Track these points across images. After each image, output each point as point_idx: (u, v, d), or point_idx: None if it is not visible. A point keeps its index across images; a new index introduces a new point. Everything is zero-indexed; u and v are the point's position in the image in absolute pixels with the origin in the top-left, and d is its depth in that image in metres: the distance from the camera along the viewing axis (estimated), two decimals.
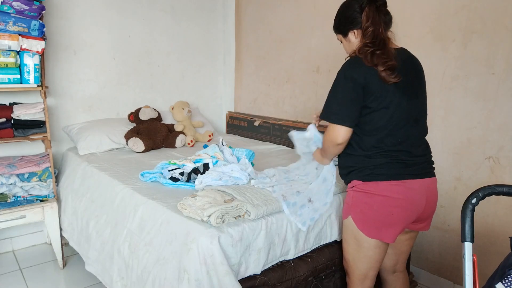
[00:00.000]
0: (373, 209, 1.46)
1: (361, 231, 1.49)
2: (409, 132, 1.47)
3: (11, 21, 2.20)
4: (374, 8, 1.45)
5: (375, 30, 1.43)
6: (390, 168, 1.45)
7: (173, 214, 1.61)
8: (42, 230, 2.85)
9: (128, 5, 3.07)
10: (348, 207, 1.54)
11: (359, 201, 1.49)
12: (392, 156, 1.45)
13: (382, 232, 1.47)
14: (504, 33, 1.92)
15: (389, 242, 1.49)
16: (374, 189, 1.45)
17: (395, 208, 1.44)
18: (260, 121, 3.34)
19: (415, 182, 1.45)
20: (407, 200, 1.45)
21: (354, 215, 1.51)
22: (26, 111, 2.38)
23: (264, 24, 3.33)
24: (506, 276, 1.04)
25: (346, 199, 1.58)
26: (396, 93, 1.42)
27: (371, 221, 1.47)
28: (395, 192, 1.43)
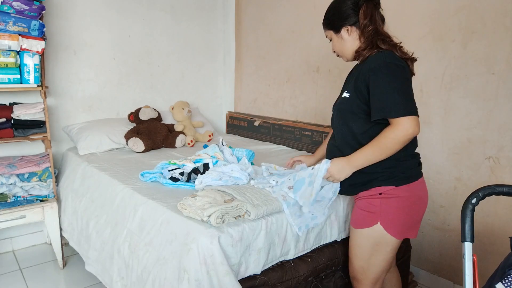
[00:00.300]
0: (405, 212, 1.46)
1: (392, 236, 1.46)
2: None
3: (11, 21, 2.20)
4: (372, 5, 1.42)
5: (376, 28, 1.42)
6: (415, 168, 1.49)
7: (173, 214, 1.61)
8: (42, 230, 2.85)
9: (128, 5, 3.08)
10: (374, 215, 1.47)
11: (391, 207, 1.45)
12: (415, 157, 1.50)
13: (411, 230, 1.51)
14: (504, 33, 1.92)
15: (414, 237, 1.53)
16: (406, 191, 1.44)
17: (419, 205, 1.49)
18: (260, 121, 3.34)
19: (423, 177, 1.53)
20: (426, 194, 1.52)
21: (385, 222, 1.45)
22: (26, 111, 2.38)
23: (264, 24, 3.33)
24: (506, 276, 1.04)
25: (367, 207, 1.49)
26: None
27: (402, 223, 1.47)
28: (421, 190, 1.49)
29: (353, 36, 1.48)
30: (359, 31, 1.45)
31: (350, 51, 1.51)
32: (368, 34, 1.42)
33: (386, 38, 1.41)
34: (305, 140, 2.92)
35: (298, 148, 2.98)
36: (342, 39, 1.51)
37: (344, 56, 1.56)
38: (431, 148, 2.26)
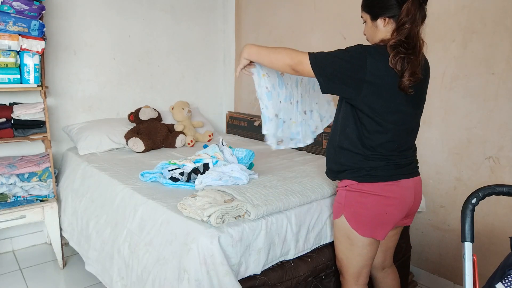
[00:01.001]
0: (367, 208, 1.46)
1: (354, 230, 1.49)
2: (406, 139, 1.48)
3: (11, 21, 2.20)
4: (417, 4, 1.33)
5: (412, 29, 1.33)
6: (386, 170, 1.45)
7: (173, 214, 1.61)
8: (42, 230, 2.85)
9: (128, 5, 3.07)
10: (340, 206, 1.53)
11: (353, 200, 1.49)
12: (388, 159, 1.45)
13: (376, 230, 1.49)
14: (504, 33, 1.92)
15: (381, 239, 1.51)
16: (369, 189, 1.46)
17: (389, 207, 1.46)
18: (260, 121, 3.33)
19: (406, 181, 1.48)
20: (400, 199, 1.47)
21: (348, 214, 1.50)
22: (26, 111, 2.38)
23: (264, 24, 3.33)
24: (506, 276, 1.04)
25: (337, 199, 1.56)
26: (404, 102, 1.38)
27: (365, 220, 1.48)
28: (390, 192, 1.45)
29: (387, 28, 1.40)
30: (396, 25, 1.37)
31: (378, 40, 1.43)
32: (402, 33, 1.33)
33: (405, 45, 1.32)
34: None
35: (298, 148, 2.98)
36: (376, 27, 1.43)
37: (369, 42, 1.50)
38: (431, 148, 2.26)
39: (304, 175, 1.99)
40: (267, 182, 1.86)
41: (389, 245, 1.71)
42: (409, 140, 1.51)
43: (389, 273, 1.77)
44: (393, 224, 1.51)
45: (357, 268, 1.57)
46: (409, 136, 1.50)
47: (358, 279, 1.59)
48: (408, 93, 1.33)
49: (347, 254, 1.57)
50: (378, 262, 1.73)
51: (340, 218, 1.54)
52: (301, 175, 1.99)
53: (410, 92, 1.33)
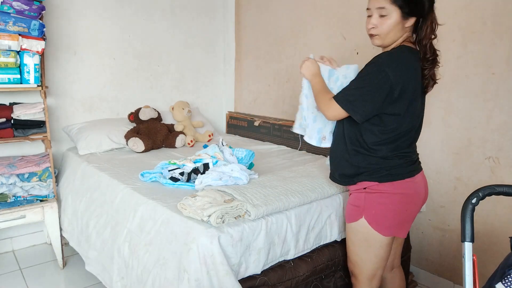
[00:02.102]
0: (390, 209, 1.46)
1: (376, 231, 1.48)
2: (416, 135, 1.53)
3: (11, 21, 2.20)
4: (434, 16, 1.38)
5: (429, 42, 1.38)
6: (404, 168, 1.47)
7: (173, 214, 1.61)
8: (42, 230, 2.85)
9: (128, 5, 3.07)
10: (359, 209, 1.50)
11: (374, 202, 1.47)
12: (404, 156, 1.48)
13: (398, 229, 1.51)
14: (504, 33, 1.92)
15: (404, 236, 1.55)
16: (389, 188, 1.46)
17: (409, 204, 1.48)
18: (260, 121, 3.34)
19: (418, 176, 1.51)
20: (418, 194, 1.50)
21: (369, 216, 1.48)
22: (26, 111, 2.38)
23: (264, 24, 3.33)
24: (506, 276, 1.04)
25: (353, 202, 1.53)
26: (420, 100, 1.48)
27: (388, 220, 1.48)
28: (409, 189, 1.47)
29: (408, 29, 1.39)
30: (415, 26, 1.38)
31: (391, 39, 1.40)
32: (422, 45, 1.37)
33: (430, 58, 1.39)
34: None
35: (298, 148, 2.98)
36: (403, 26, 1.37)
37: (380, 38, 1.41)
38: (431, 148, 2.26)
39: (304, 175, 1.99)
40: (267, 182, 1.86)
41: (399, 241, 1.72)
42: (417, 135, 1.55)
43: (397, 274, 1.78)
44: (413, 220, 1.54)
45: (373, 270, 1.56)
46: (419, 130, 1.54)
47: (372, 281, 1.58)
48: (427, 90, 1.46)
49: (362, 257, 1.55)
50: (389, 262, 1.73)
51: (358, 221, 1.51)
52: (301, 175, 1.99)
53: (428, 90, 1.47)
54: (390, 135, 1.43)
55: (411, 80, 1.36)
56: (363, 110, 1.36)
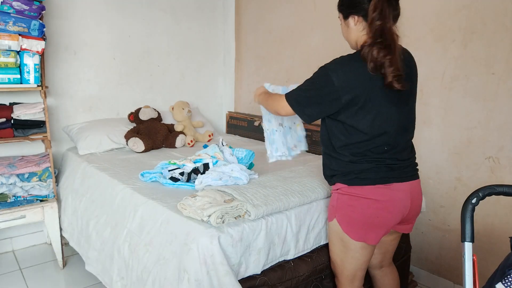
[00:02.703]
0: (358, 212, 1.44)
1: (346, 233, 1.47)
2: (397, 140, 1.43)
3: (11, 21, 2.20)
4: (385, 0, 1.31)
5: (383, 24, 1.30)
6: (376, 172, 1.42)
7: (173, 214, 1.61)
8: (42, 230, 2.85)
9: (128, 5, 3.07)
10: (333, 209, 1.52)
11: (344, 203, 1.48)
12: (378, 161, 1.42)
13: (367, 234, 1.46)
14: (504, 33, 1.92)
15: (373, 244, 1.48)
16: (360, 192, 1.43)
17: (380, 210, 1.42)
18: (260, 121, 3.34)
19: (400, 185, 1.43)
20: (392, 203, 1.43)
21: (339, 217, 1.49)
22: (26, 111, 2.38)
23: (264, 24, 3.33)
24: (506, 276, 1.04)
25: (331, 201, 1.55)
26: (386, 103, 1.36)
27: (356, 223, 1.46)
28: (381, 195, 1.42)
29: (358, 28, 1.40)
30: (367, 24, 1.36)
31: (353, 41, 1.45)
32: (374, 30, 1.31)
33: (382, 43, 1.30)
34: None
35: None
36: (348, 26, 1.45)
37: (349, 44, 1.51)
38: (431, 148, 2.26)
39: (304, 175, 1.99)
40: (267, 182, 1.86)
41: (387, 249, 1.69)
42: (402, 140, 1.44)
43: (388, 272, 1.76)
44: (386, 228, 1.46)
45: (352, 271, 1.55)
46: (401, 136, 1.44)
47: (352, 282, 1.58)
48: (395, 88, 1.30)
49: (341, 257, 1.56)
50: (376, 262, 1.72)
51: (333, 221, 1.53)
52: (301, 175, 1.99)
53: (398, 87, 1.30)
54: (354, 140, 1.41)
55: (364, 87, 1.32)
56: (310, 112, 1.43)
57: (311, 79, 1.43)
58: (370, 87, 1.33)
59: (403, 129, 1.44)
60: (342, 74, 1.34)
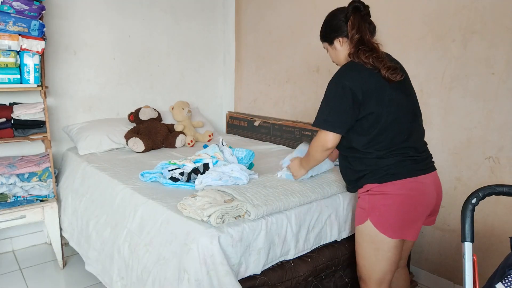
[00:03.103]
0: (394, 210, 1.46)
1: (382, 233, 1.47)
2: (412, 127, 1.52)
3: (11, 21, 2.20)
4: (359, 17, 1.50)
5: (362, 37, 1.49)
6: (403, 166, 1.47)
7: (173, 214, 1.61)
8: (42, 230, 2.85)
9: (128, 5, 3.07)
10: (364, 211, 1.52)
11: (378, 203, 1.48)
12: (402, 154, 1.48)
13: (405, 231, 1.49)
14: (504, 33, 1.92)
15: (413, 239, 1.52)
16: (392, 189, 1.46)
17: (414, 205, 1.47)
18: (260, 121, 3.34)
19: (425, 177, 1.50)
20: (423, 195, 1.49)
21: (374, 218, 1.49)
22: (26, 111, 2.38)
23: (264, 24, 3.33)
24: (506, 276, 1.04)
25: (360, 204, 1.56)
26: (393, 91, 1.47)
27: (393, 222, 1.47)
28: (411, 189, 1.46)
29: (344, 47, 1.57)
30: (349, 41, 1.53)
31: (344, 61, 1.59)
32: (355, 42, 1.49)
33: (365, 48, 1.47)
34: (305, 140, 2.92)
35: None
36: (335, 49, 1.61)
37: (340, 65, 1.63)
38: (431, 148, 2.24)
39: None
40: (267, 182, 1.86)
41: (408, 244, 1.70)
42: (414, 126, 1.54)
43: (402, 274, 1.77)
44: (422, 222, 1.51)
45: (381, 274, 1.54)
46: (413, 123, 1.53)
47: (381, 285, 1.56)
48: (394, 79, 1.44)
49: (370, 260, 1.54)
50: None
51: (364, 223, 1.52)
52: None
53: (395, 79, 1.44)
54: (373, 132, 1.47)
55: (367, 80, 1.45)
56: (340, 122, 1.47)
57: (325, 97, 1.52)
58: (375, 80, 1.46)
59: (413, 115, 1.54)
60: (350, 76, 1.46)
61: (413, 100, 1.57)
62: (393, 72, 1.44)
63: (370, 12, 1.54)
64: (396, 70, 1.44)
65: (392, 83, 1.46)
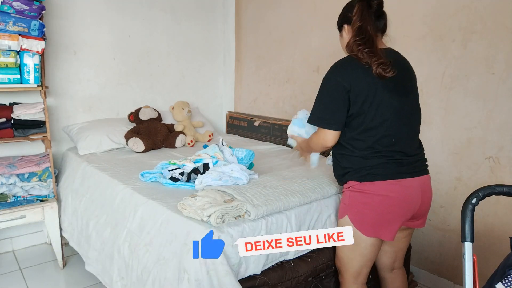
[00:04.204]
0: (371, 209, 1.48)
1: (358, 230, 1.50)
2: (402, 130, 1.48)
3: (11, 21, 2.20)
4: (365, 4, 1.46)
5: (362, 26, 1.44)
6: (386, 168, 1.46)
7: (173, 214, 1.61)
8: (42, 230, 2.85)
9: (128, 5, 3.07)
10: (345, 207, 1.55)
11: (357, 201, 1.51)
12: (387, 156, 1.46)
13: (381, 230, 1.49)
14: (504, 33, 1.92)
15: (389, 239, 1.51)
16: (371, 189, 1.47)
17: (392, 206, 1.46)
18: (260, 121, 3.34)
19: (411, 181, 1.48)
20: (404, 199, 1.47)
21: (351, 215, 1.52)
22: (26, 111, 2.38)
23: (264, 24, 3.33)
24: (506, 276, 1.04)
25: (343, 199, 1.59)
26: (385, 92, 1.43)
27: (369, 220, 1.49)
28: (392, 191, 1.45)
29: (349, 35, 1.53)
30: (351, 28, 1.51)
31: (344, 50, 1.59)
32: (355, 29, 1.46)
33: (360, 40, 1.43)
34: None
35: None
36: (342, 37, 1.61)
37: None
38: (431, 148, 2.26)
39: (304, 175, 1.99)
40: (267, 182, 1.86)
41: (399, 246, 1.70)
42: (407, 132, 1.50)
43: (398, 275, 1.77)
44: (399, 224, 1.50)
45: (357, 268, 1.58)
46: (403, 126, 1.48)
47: (357, 279, 1.60)
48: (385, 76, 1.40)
49: (348, 254, 1.58)
50: (389, 263, 1.73)
51: (343, 218, 1.55)
52: (301, 175, 1.99)
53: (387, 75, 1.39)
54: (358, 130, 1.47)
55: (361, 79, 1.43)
56: (334, 119, 1.48)
57: (319, 92, 1.52)
58: (368, 79, 1.43)
59: (404, 118, 1.48)
60: (344, 73, 1.45)
61: (410, 102, 1.52)
62: (385, 68, 1.39)
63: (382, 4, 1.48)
64: (388, 65, 1.39)
65: (386, 83, 1.42)
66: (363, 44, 1.42)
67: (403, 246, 1.71)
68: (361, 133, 1.46)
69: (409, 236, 1.70)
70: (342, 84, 1.43)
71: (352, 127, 1.48)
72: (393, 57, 1.46)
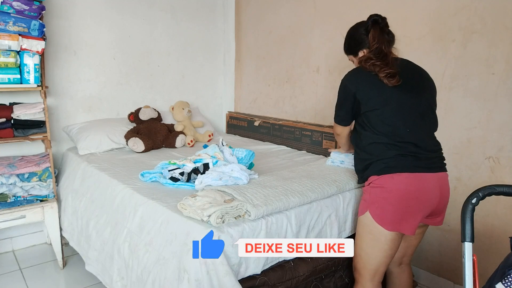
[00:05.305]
0: (392, 203, 1.52)
1: (380, 225, 1.53)
2: (416, 124, 1.56)
3: (11, 21, 2.20)
4: (378, 29, 1.64)
5: (379, 46, 1.62)
6: (402, 160, 1.52)
7: (173, 214, 1.61)
8: (42, 230, 2.85)
9: (128, 5, 3.08)
10: (366, 203, 1.60)
11: (377, 196, 1.55)
12: (402, 147, 1.53)
13: (402, 224, 1.53)
14: (504, 33, 1.92)
15: (410, 234, 1.55)
16: (390, 182, 1.52)
17: (411, 200, 1.51)
18: (260, 121, 3.34)
19: (428, 176, 1.53)
20: (422, 192, 1.52)
21: (372, 210, 1.56)
22: (26, 111, 2.38)
23: (264, 24, 3.33)
24: (506, 276, 1.04)
25: (364, 196, 1.64)
26: (394, 92, 1.56)
27: (390, 214, 1.52)
28: (410, 184, 1.51)
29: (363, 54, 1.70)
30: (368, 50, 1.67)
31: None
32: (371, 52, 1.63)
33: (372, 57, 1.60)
34: (305, 140, 2.93)
35: (298, 148, 2.98)
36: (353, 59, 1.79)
37: None
38: None
39: (304, 175, 1.99)
40: (267, 182, 1.86)
41: (412, 242, 1.75)
42: (421, 125, 1.58)
43: (405, 270, 1.82)
44: (420, 218, 1.55)
45: (375, 265, 1.60)
46: (422, 121, 1.58)
47: (374, 276, 1.63)
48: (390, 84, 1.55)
49: (367, 251, 1.60)
50: (398, 257, 1.77)
51: (364, 214, 1.59)
52: (301, 175, 1.99)
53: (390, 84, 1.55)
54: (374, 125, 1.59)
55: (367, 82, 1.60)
56: (340, 117, 1.75)
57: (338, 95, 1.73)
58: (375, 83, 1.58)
59: (420, 116, 1.58)
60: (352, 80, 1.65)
61: (422, 100, 1.61)
62: (390, 78, 1.54)
63: (388, 24, 1.67)
64: (393, 76, 1.54)
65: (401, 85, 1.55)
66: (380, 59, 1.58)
67: (415, 242, 1.76)
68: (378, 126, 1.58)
69: (423, 233, 1.75)
70: (348, 87, 1.64)
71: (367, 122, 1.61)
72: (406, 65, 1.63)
